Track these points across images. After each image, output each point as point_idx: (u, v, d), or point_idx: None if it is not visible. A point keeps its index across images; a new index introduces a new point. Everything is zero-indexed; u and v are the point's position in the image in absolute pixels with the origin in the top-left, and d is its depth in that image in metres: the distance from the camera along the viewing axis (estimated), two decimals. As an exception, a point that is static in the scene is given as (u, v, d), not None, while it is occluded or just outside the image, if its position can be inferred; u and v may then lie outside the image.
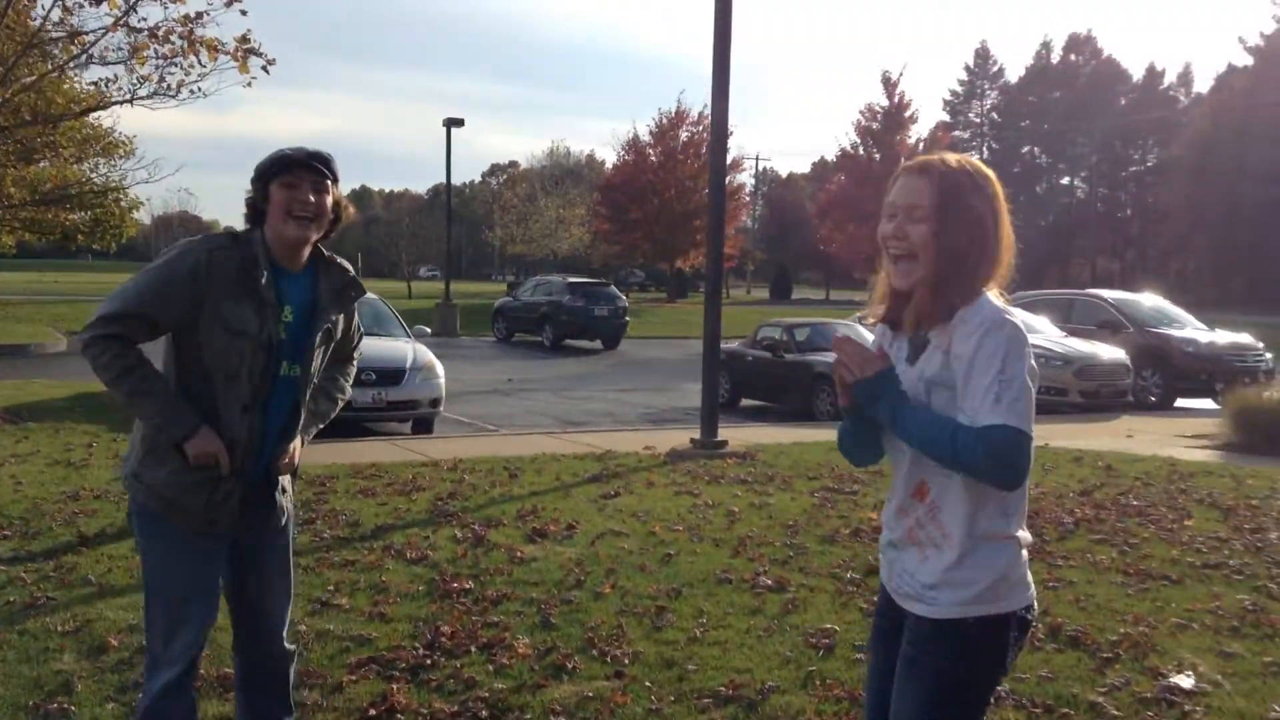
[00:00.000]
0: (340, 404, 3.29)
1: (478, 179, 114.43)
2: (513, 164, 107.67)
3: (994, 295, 2.20)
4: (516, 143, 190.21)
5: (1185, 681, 4.17)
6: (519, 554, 5.94)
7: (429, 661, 4.30)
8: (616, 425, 12.78)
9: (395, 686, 4.02)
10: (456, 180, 51.83)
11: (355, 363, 3.38)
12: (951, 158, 2.26)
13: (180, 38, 11.04)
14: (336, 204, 2.96)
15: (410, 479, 8.10)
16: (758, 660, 4.43)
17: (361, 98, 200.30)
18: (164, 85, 11.15)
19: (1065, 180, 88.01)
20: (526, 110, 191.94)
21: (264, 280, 2.84)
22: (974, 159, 2.31)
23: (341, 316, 3.11)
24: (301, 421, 3.05)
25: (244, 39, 11.17)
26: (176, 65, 11.14)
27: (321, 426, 3.25)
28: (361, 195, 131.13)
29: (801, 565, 5.90)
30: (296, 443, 3.04)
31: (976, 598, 2.15)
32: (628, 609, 5.03)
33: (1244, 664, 4.40)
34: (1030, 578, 2.23)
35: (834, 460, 9.17)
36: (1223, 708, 3.94)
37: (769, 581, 5.52)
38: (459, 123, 31.93)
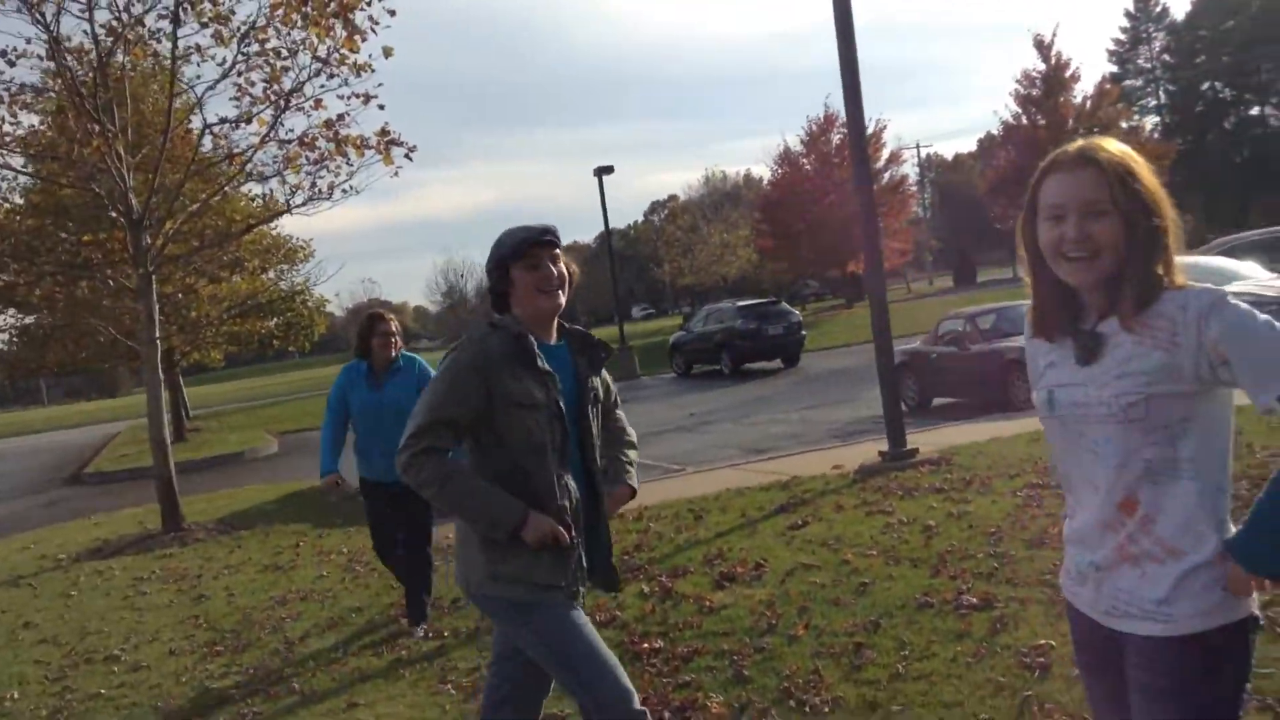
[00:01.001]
0: (635, 445, 3.54)
1: (640, 218, 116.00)
2: (672, 197, 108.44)
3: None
4: (672, 176, 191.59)
5: None
6: (708, 603, 5.76)
7: (621, 733, 4.16)
8: (802, 446, 12.45)
9: (588, 764, 3.89)
10: (619, 223, 52.75)
11: (622, 415, 3.53)
12: (1105, 142, 2.05)
13: (327, 141, 11.57)
14: (567, 267, 3.14)
15: (596, 535, 8.04)
16: (967, 691, 4.09)
17: (519, 162, 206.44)
18: (316, 190, 11.65)
19: (1255, 110, 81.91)
20: (678, 143, 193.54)
21: (535, 350, 3.00)
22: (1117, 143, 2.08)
23: (598, 378, 3.28)
24: (618, 469, 3.37)
25: (384, 131, 11.62)
26: (326, 169, 11.65)
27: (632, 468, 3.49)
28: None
29: (1008, 576, 5.48)
30: (622, 492, 3.36)
31: (1217, 606, 1.94)
32: (824, 650, 4.76)
33: None
34: None
35: (1036, 453, 8.61)
36: None
37: (974, 599, 5.14)
38: (609, 170, 32.38)
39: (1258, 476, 6.75)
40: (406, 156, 11.63)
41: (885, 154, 48.31)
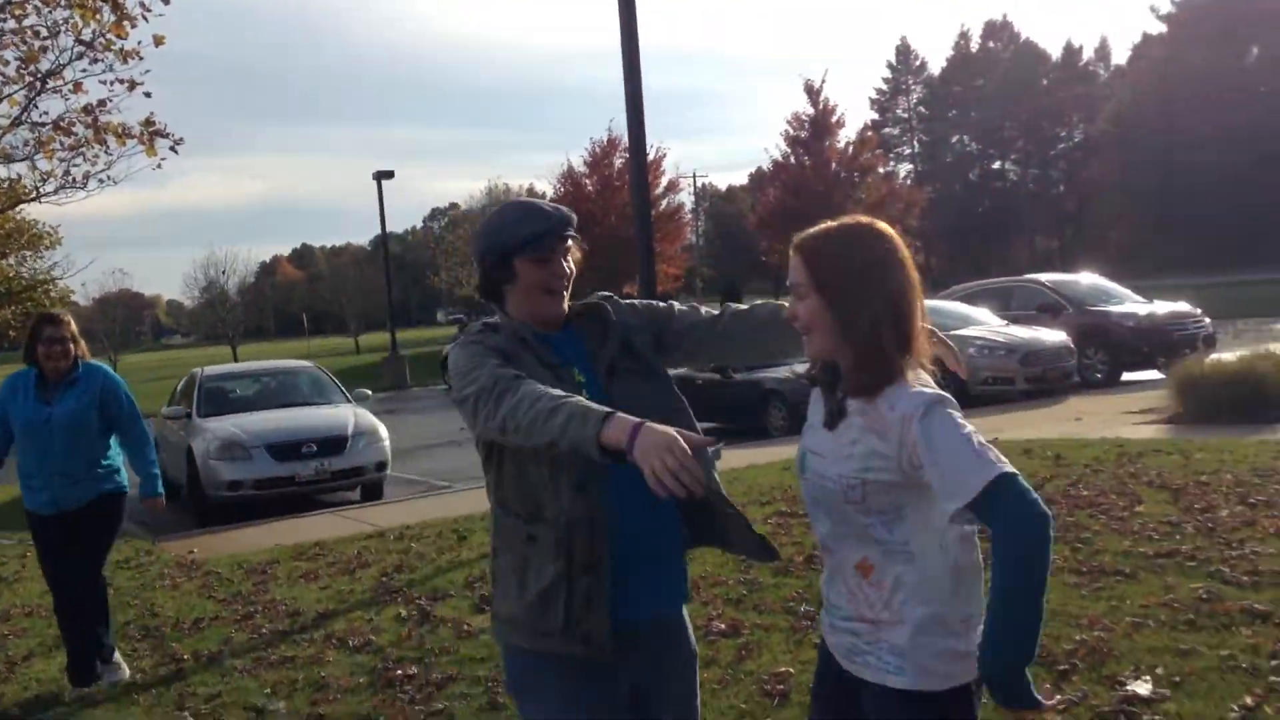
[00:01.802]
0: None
1: (419, 224, 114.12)
2: (453, 206, 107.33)
3: (912, 375, 2.06)
4: (455, 185, 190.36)
5: (1143, 689, 4.08)
6: (466, 627, 5.77)
7: (369, 762, 4.12)
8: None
9: (333, 796, 3.84)
10: (397, 228, 51.58)
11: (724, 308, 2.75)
12: (834, 225, 2.13)
13: (85, 127, 10.84)
14: (573, 258, 2.55)
15: (355, 555, 7.90)
16: (712, 718, 4.29)
17: (295, 157, 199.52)
18: (69, 178, 10.91)
19: (996, 165, 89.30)
20: (461, 152, 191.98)
21: (541, 345, 2.45)
22: (866, 220, 2.16)
23: (617, 338, 2.54)
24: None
25: (149, 121, 10.98)
26: (83, 156, 10.92)
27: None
28: (303, 253, 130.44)
29: (755, 603, 5.78)
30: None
31: (946, 672, 2.03)
32: (576, 676, 4.87)
33: (1201, 660, 4.32)
34: None
35: (788, 481, 9.08)
36: (1180, 713, 3.85)
37: (722, 626, 5.39)
38: (389, 174, 31.81)
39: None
40: (172, 149, 11.04)
41: (664, 181, 49.56)
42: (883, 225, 2.14)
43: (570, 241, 2.49)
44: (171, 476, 12.59)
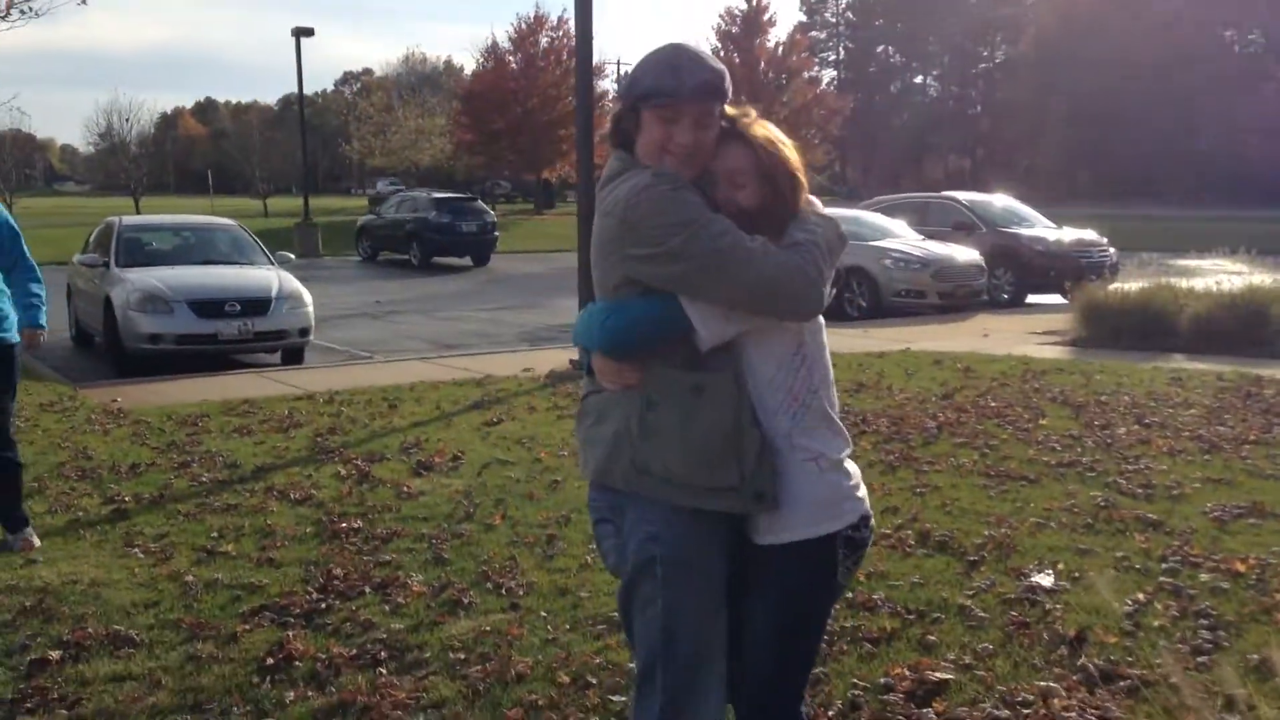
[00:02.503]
0: None
1: (330, 88, 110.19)
2: (367, 71, 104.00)
3: None
4: (370, 50, 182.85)
5: (1045, 580, 4.48)
6: (406, 489, 5.94)
7: (323, 605, 4.31)
8: (493, 347, 12.73)
9: (291, 634, 4.02)
10: (308, 90, 49.40)
11: None
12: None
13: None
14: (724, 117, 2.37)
15: (287, 414, 7.96)
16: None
17: (204, 4, 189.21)
18: (-8, 4, 10.37)
19: (919, 79, 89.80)
20: (379, 15, 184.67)
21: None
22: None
23: None
24: None
25: (71, -50, 10.48)
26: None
27: None
28: (206, 108, 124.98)
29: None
30: None
31: None
32: (519, 539, 5.11)
33: (1098, 560, 4.74)
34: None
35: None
36: (1079, 604, 4.25)
37: (655, 502, 5.65)
38: (309, 32, 30.61)
39: (895, 415, 7.79)
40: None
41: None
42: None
43: (711, 112, 2.30)
44: (85, 325, 12.37)
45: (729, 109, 2.36)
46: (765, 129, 2.33)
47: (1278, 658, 3.19)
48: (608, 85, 46.24)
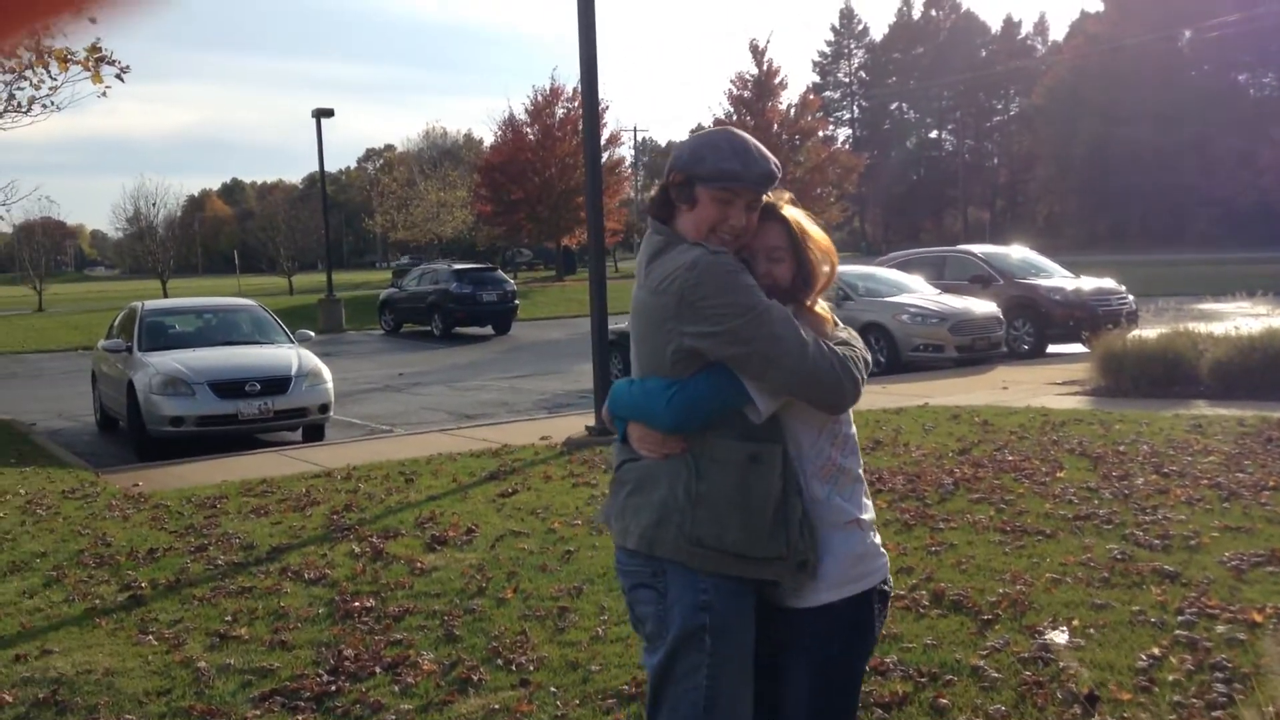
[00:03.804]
0: None
1: (353, 165, 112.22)
2: (389, 147, 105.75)
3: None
4: (391, 126, 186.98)
5: (1060, 638, 4.42)
6: (419, 565, 5.95)
7: (334, 688, 4.31)
8: (512, 415, 12.79)
9: (301, 718, 4.03)
10: (331, 168, 50.57)
11: None
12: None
13: (28, 50, 10.61)
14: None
15: (304, 493, 8.02)
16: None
17: (227, 88, 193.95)
18: (14, 103, 10.68)
19: (933, 134, 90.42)
20: (399, 92, 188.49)
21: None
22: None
23: None
24: None
25: (95, 48, 10.76)
26: (27, 80, 10.71)
27: None
28: (233, 189, 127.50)
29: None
30: None
31: None
32: (530, 613, 5.10)
33: (1114, 614, 4.68)
34: None
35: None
36: (1094, 660, 4.20)
37: (668, 570, 5.63)
38: (329, 113, 31.23)
39: (911, 472, 7.75)
40: (118, 77, 10.87)
41: (605, 134, 49.46)
42: None
43: (756, 200, 2.41)
44: (110, 410, 12.53)
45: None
46: (796, 212, 2.53)
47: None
48: (624, 152, 46.80)
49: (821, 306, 2.55)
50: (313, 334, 13.37)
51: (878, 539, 2.50)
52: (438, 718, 4.00)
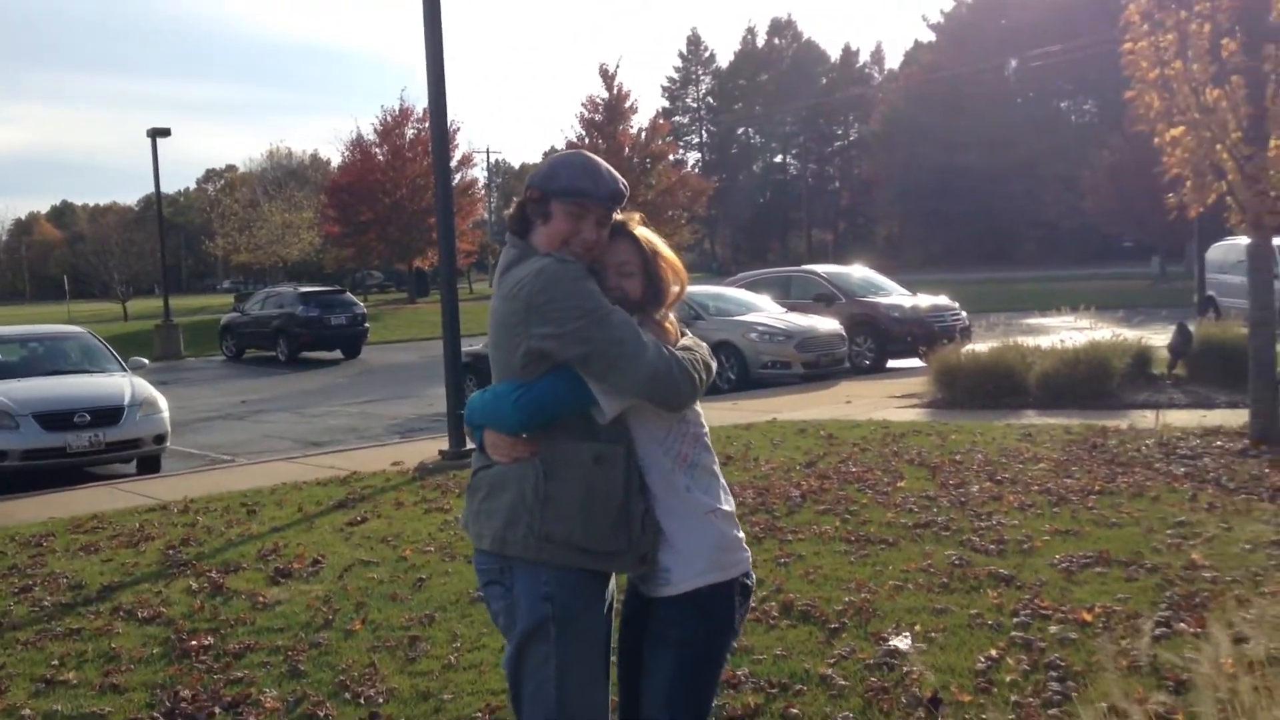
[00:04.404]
0: None
1: (193, 186, 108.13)
2: (230, 168, 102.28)
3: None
4: (233, 146, 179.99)
5: (903, 643, 4.56)
6: (261, 599, 5.74)
7: (170, 731, 4.10)
8: (361, 442, 12.49)
9: (134, 765, 3.82)
10: (169, 189, 48.53)
11: None
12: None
13: None
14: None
15: (138, 528, 7.64)
16: (513, 678, 4.48)
17: (56, 108, 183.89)
18: None
19: (779, 159, 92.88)
20: (242, 111, 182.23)
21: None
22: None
23: None
24: None
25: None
26: None
27: None
28: (63, 211, 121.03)
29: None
30: None
31: None
32: (380, 644, 4.97)
33: (953, 618, 4.86)
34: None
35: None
36: (936, 664, 4.34)
37: (521, 593, 5.58)
38: (165, 132, 30.07)
39: (761, 486, 7.90)
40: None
41: (458, 155, 49.02)
42: None
43: (606, 216, 2.59)
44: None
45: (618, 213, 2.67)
46: (647, 231, 2.68)
47: (1124, 705, 3.31)
48: (478, 174, 46.48)
49: (670, 320, 2.67)
50: (146, 361, 12.80)
51: (740, 534, 2.62)
52: (282, 756, 3.85)
